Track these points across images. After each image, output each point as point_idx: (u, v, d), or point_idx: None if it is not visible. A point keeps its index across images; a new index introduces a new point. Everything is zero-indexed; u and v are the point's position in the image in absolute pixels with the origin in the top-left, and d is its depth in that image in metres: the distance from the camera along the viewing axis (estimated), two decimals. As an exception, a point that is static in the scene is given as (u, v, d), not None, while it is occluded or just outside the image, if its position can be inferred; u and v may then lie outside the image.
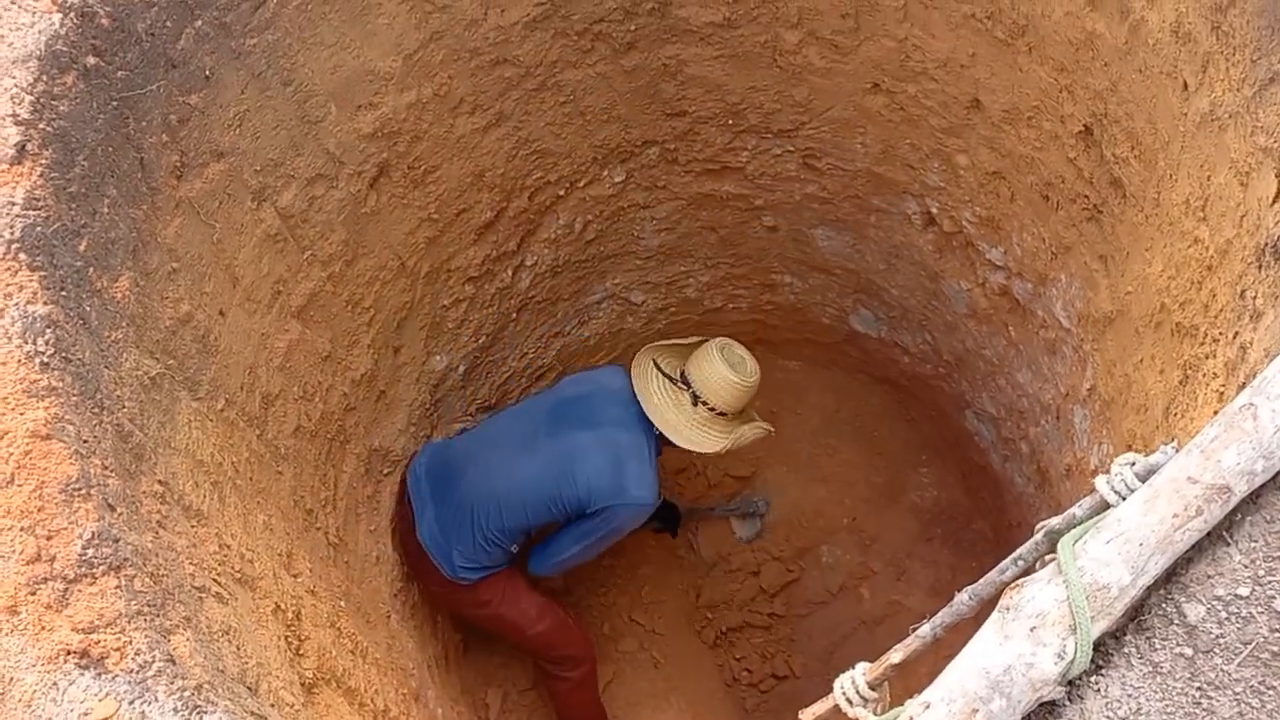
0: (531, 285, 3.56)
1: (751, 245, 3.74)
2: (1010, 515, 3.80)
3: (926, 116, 2.86)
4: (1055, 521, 1.46)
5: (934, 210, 3.13)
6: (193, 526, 1.94)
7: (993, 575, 1.54)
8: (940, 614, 1.60)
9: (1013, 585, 1.28)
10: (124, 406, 1.84)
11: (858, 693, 1.67)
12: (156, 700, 1.41)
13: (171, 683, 1.46)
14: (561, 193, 3.35)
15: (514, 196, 3.24)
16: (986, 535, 4.14)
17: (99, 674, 1.42)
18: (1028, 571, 1.52)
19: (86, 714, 1.35)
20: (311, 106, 2.46)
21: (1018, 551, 1.51)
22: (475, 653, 3.85)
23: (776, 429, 4.30)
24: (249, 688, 1.76)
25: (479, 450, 3.20)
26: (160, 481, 1.88)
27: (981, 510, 4.14)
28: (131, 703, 1.39)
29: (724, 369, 3.06)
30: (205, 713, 1.43)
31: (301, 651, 2.22)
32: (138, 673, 1.46)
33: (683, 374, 3.11)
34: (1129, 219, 2.32)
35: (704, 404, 3.08)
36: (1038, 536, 1.50)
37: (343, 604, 2.64)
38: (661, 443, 3.15)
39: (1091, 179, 2.43)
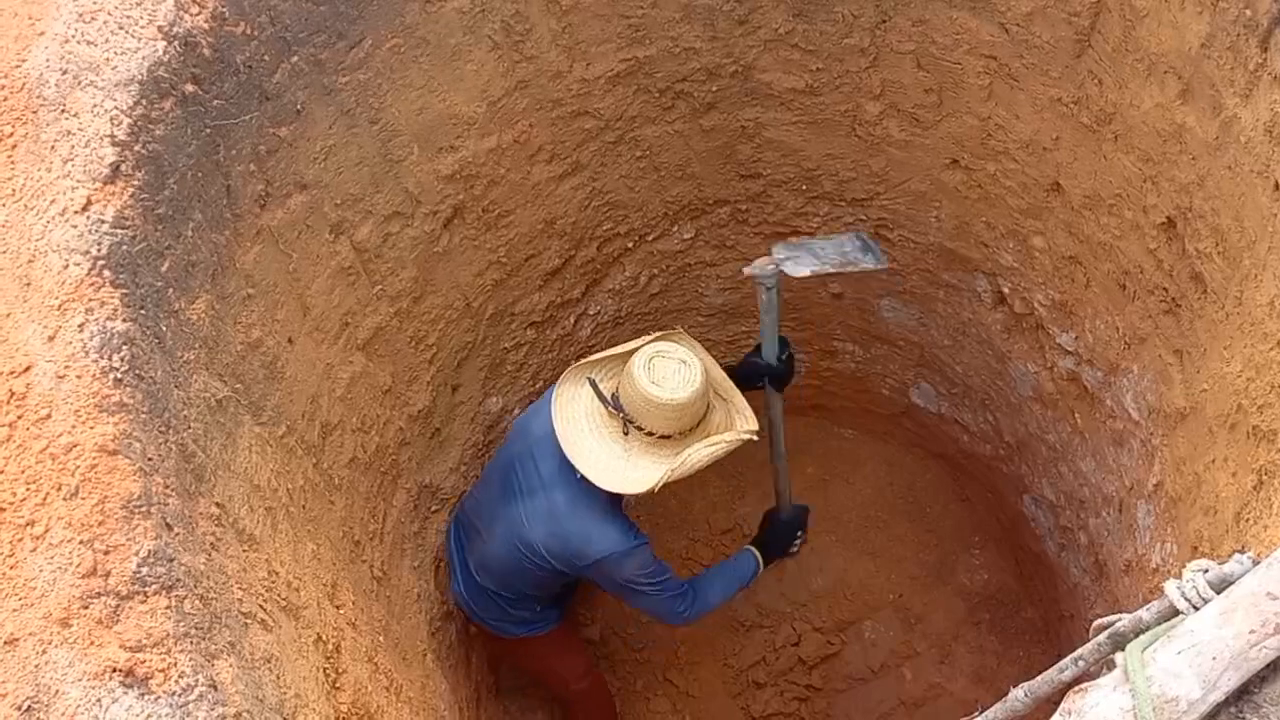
0: (592, 334, 3.57)
1: (815, 311, 3.72)
2: (1063, 606, 3.70)
3: (1005, 196, 2.83)
4: (1121, 624, 1.41)
5: (1005, 290, 3.09)
6: (244, 551, 1.95)
7: (1051, 674, 1.49)
8: (994, 709, 1.55)
9: (1076, 689, 1.23)
10: (189, 427, 1.87)
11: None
12: (196, 726, 1.40)
13: (212, 709, 1.46)
14: (630, 245, 3.37)
15: (583, 245, 3.26)
16: (1036, 624, 4.02)
17: (142, 694, 1.43)
18: (1088, 674, 1.47)
19: (127, 735, 1.35)
20: (395, 145, 2.51)
21: (1079, 651, 1.46)
22: (507, 695, 3.82)
23: (828, 499, 4.27)
24: (285, 718, 1.76)
25: (472, 517, 3.07)
26: (217, 504, 1.89)
27: (1032, 598, 4.04)
28: (172, 728, 1.38)
29: (647, 387, 2.51)
30: (243, 744, 1.42)
31: (338, 685, 2.21)
32: (180, 696, 1.46)
33: (615, 394, 2.62)
34: (1208, 315, 2.27)
35: (639, 429, 2.57)
36: (1100, 638, 1.45)
37: (382, 639, 2.64)
38: None
39: (1171, 271, 2.38)
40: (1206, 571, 1.37)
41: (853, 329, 3.74)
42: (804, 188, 3.17)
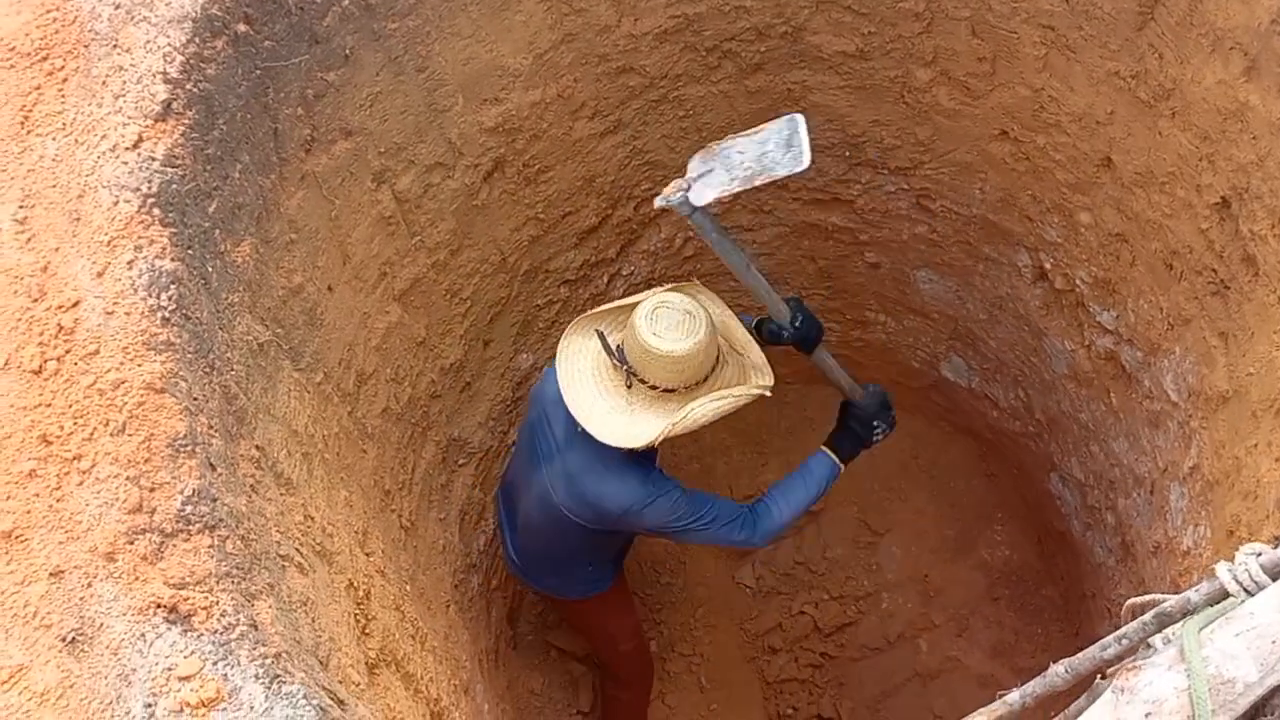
0: (624, 294, 3.55)
1: (850, 280, 3.69)
2: (1085, 585, 3.69)
3: (1053, 169, 2.79)
4: (1168, 605, 1.40)
5: (1047, 265, 3.06)
6: (282, 494, 1.96)
7: (1093, 651, 1.48)
8: (1032, 684, 1.54)
9: (1129, 667, 1.22)
10: (232, 369, 1.87)
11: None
12: (239, 664, 1.41)
13: (254, 648, 1.47)
14: (667, 206, 3.34)
15: (620, 205, 3.24)
16: (1056, 602, 4.02)
17: (185, 630, 1.44)
18: (1129, 651, 1.46)
19: (171, 669, 1.36)
20: (440, 95, 2.48)
21: (1123, 629, 1.45)
22: (524, 649, 3.85)
23: (851, 470, 4.25)
24: (320, 661, 1.77)
25: (512, 486, 3.04)
26: (257, 446, 1.90)
27: (1053, 576, 4.03)
28: (215, 664, 1.40)
29: (648, 338, 2.41)
30: (284, 682, 1.43)
31: (368, 631, 2.22)
32: (222, 634, 1.47)
33: (620, 346, 2.52)
34: (1259, 298, 2.24)
35: (642, 382, 2.48)
36: (1146, 617, 1.43)
37: (408, 588, 2.65)
38: None
39: (1222, 253, 2.35)
40: (1260, 555, 1.35)
41: (887, 300, 3.71)
42: (847, 154, 3.13)
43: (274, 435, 1.99)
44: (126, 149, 1.78)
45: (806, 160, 2.39)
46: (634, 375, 2.47)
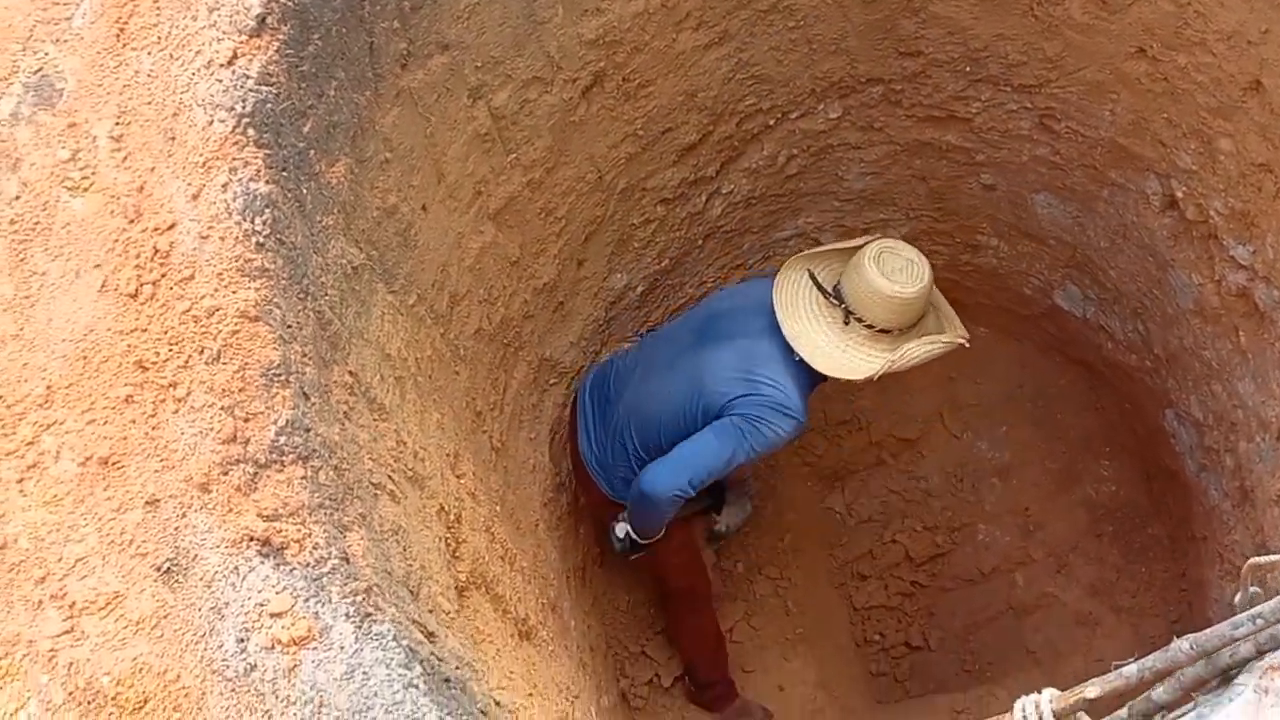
0: (723, 214, 3.45)
1: (962, 202, 3.51)
2: (1195, 527, 3.54)
3: (1193, 92, 2.57)
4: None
5: (1179, 194, 2.85)
6: (375, 420, 1.95)
7: (1223, 629, 1.38)
8: (1152, 658, 1.45)
9: (1276, 665, 1.13)
10: (326, 294, 1.84)
11: (1040, 719, 1.54)
12: (330, 601, 1.41)
13: (345, 584, 1.46)
14: (771, 122, 3.19)
15: (722, 121, 3.11)
16: (1162, 542, 3.87)
17: (278, 564, 1.43)
18: (1263, 631, 1.36)
19: (263, 604, 1.36)
20: (539, 6, 2.38)
21: (1259, 608, 1.34)
22: (612, 568, 3.87)
23: (953, 397, 4.13)
24: (411, 591, 1.77)
25: (632, 371, 3.08)
26: (351, 372, 1.88)
27: (1161, 515, 3.87)
28: (306, 600, 1.39)
29: (876, 279, 2.58)
30: (375, 621, 1.42)
31: (458, 554, 2.23)
32: (314, 567, 1.47)
33: (838, 285, 2.69)
34: None
35: (859, 321, 2.64)
36: (1285, 598, 1.33)
37: (498, 509, 2.66)
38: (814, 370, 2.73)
39: (1385, 188, 2.14)
40: None
41: (1001, 223, 3.52)
42: (967, 69, 2.94)
43: (367, 360, 1.97)
44: (221, 65, 1.73)
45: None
46: (852, 314, 2.64)
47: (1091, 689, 1.48)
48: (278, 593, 1.38)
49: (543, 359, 3.09)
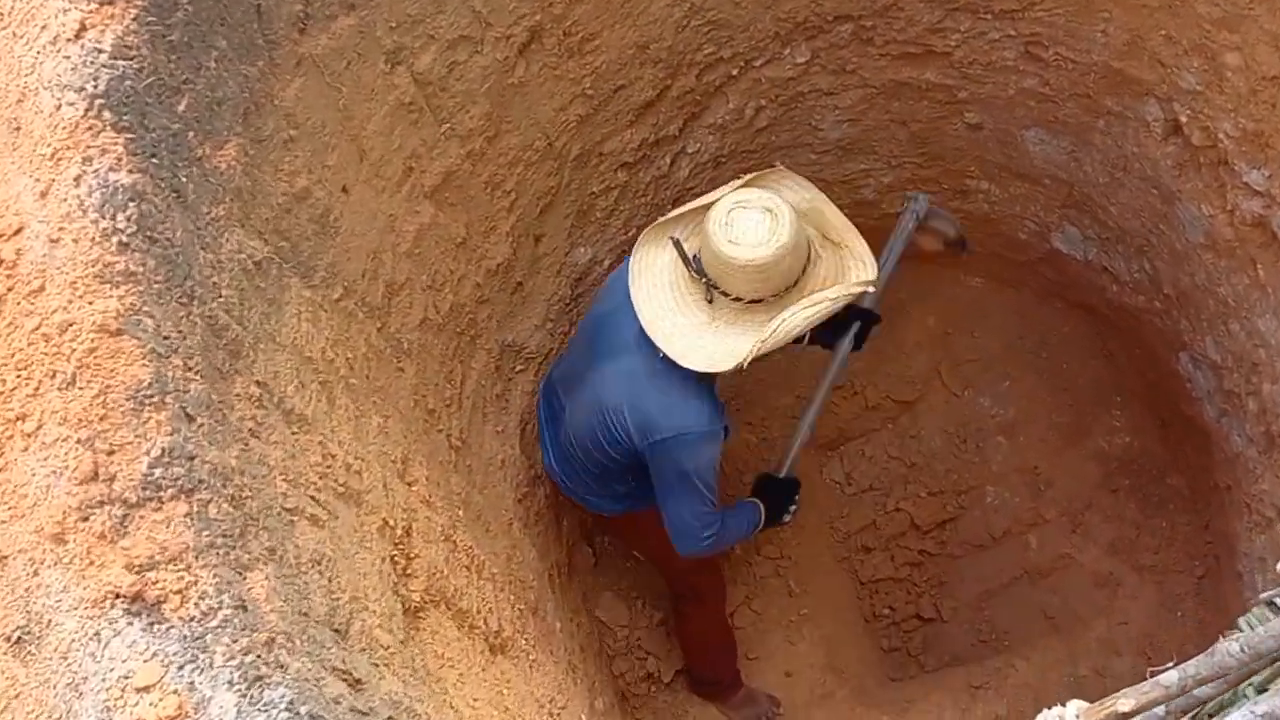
0: (691, 176, 3.20)
1: (947, 144, 3.25)
2: (1218, 476, 3.31)
3: (1194, 2, 2.32)
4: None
5: (1183, 118, 2.60)
6: (294, 434, 1.72)
7: (1276, 626, 1.16)
8: (1195, 663, 1.23)
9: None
10: (220, 295, 1.61)
11: (1064, 737, 1.32)
12: (211, 667, 1.18)
13: (236, 640, 1.24)
14: (735, 72, 2.94)
15: (680, 74, 2.85)
16: (1182, 492, 3.65)
17: (151, 624, 1.21)
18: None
19: (128, 676, 1.13)
20: (457, -46, 2.13)
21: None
22: (604, 558, 3.66)
23: (949, 353, 3.89)
24: (337, 630, 1.55)
25: (559, 383, 2.77)
26: (258, 382, 1.65)
27: (1180, 465, 3.64)
28: (181, 668, 1.17)
29: (722, 247, 2.13)
30: (268, 685, 1.20)
31: (409, 572, 2.01)
32: (198, 622, 1.24)
33: (697, 255, 2.24)
34: None
35: (724, 294, 2.20)
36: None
37: (461, 513, 2.44)
38: None
39: None
40: None
41: (990, 165, 3.27)
42: (942, -2, 2.69)
43: (280, 366, 1.74)
44: (68, 40, 1.49)
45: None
46: (714, 288, 2.21)
47: (1125, 702, 1.26)
48: (146, 660, 1.16)
49: (504, 345, 2.86)
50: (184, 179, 1.58)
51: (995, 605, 3.77)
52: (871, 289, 2.30)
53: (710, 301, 2.22)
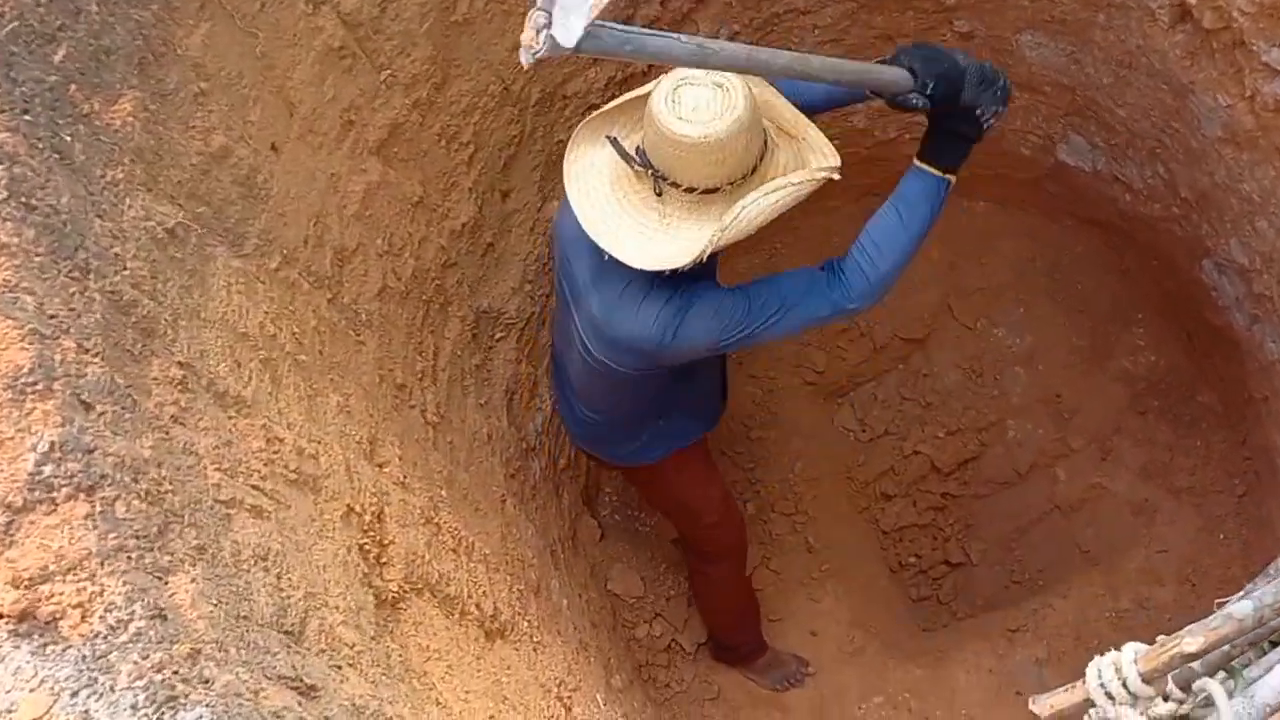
0: (666, 113, 2.99)
1: (937, 58, 3.03)
2: (1252, 387, 3.11)
3: None
4: None
5: (1191, 0, 2.38)
6: (229, 418, 1.54)
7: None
8: (1270, 589, 1.04)
9: None
10: (125, 268, 1.42)
11: (1125, 686, 1.14)
12: (112, 690, 1.00)
13: (146, 656, 1.06)
14: (704, -8, 2.73)
15: (641, 2, 2.64)
16: (1214, 408, 3.45)
17: (42, 646, 1.03)
18: None
19: (11, 710, 0.95)
20: (373, -125, 1.92)
21: None
22: (614, 528, 3.49)
23: (958, 284, 3.69)
24: (288, 632, 1.37)
25: (559, 343, 2.60)
26: (181, 363, 1.46)
27: (1210, 379, 3.44)
28: (74, 695, 0.99)
29: (669, 124, 1.88)
30: (182, 706, 1.02)
31: (383, 560, 1.84)
32: (104, 638, 1.06)
33: (640, 147, 2.00)
34: None
35: (674, 186, 1.96)
36: None
37: (444, 493, 2.26)
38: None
39: None
40: None
41: (984, 76, 3.05)
42: (918, -110, 2.46)
43: (209, 345, 1.56)
44: (-88, -13, 1.30)
45: None
46: (663, 180, 1.95)
47: (1190, 640, 1.07)
48: (32, 689, 0.98)
49: (480, 312, 2.67)
50: (68, 138, 1.38)
51: (1026, 544, 3.59)
52: (837, 176, 1.99)
53: (660, 195, 1.98)
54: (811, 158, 2.02)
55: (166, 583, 1.19)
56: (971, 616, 3.55)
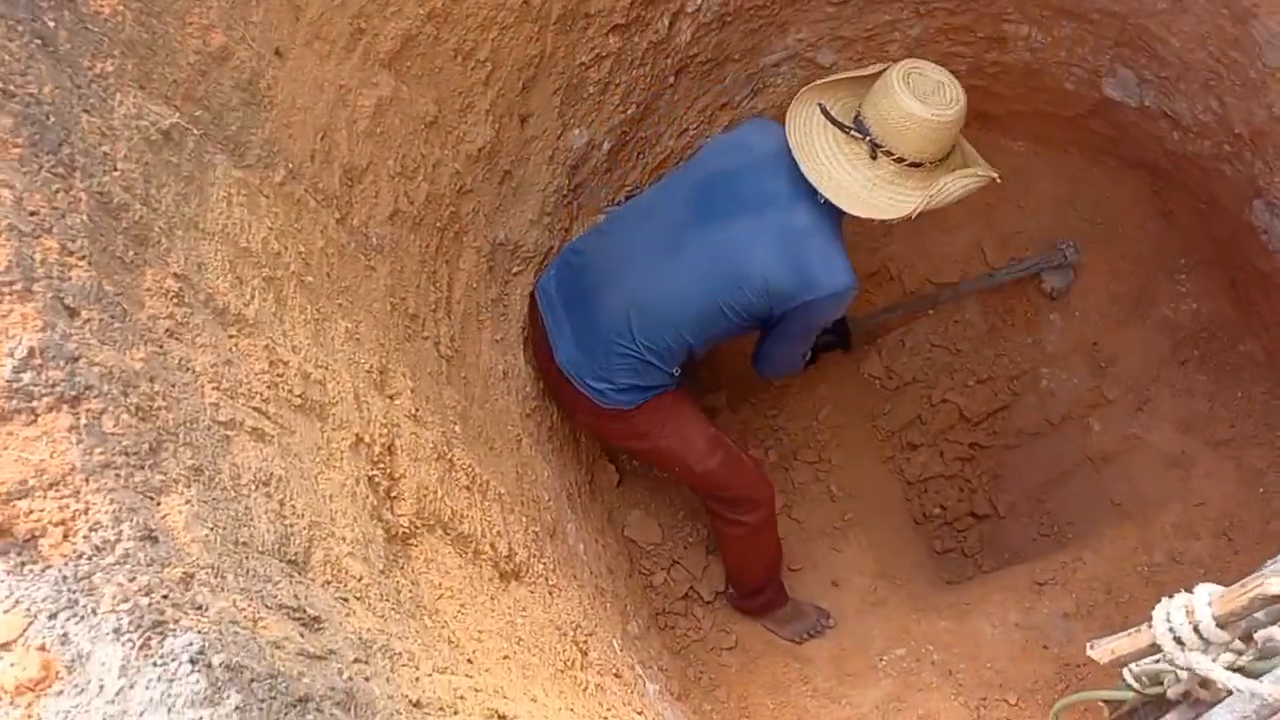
0: (694, 39, 2.84)
1: (979, -17, 2.88)
2: (1300, 336, 2.99)
3: None
4: None
5: (1260, -90, 2.22)
6: (230, 337, 1.43)
7: None
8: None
9: None
10: (116, 168, 1.31)
11: (1196, 631, 1.03)
12: (94, 614, 0.91)
13: (132, 579, 0.96)
14: (734, -91, 2.58)
15: None
16: (1258, 359, 3.31)
17: (20, 565, 0.93)
18: None
19: (-20, 634, 0.86)
20: None
21: None
22: (633, 472, 3.39)
23: (993, 227, 3.56)
24: (291, 561, 1.27)
25: (614, 253, 2.55)
26: (176, 274, 1.35)
27: (1255, 328, 3.31)
28: (52, 617, 0.89)
29: (909, 103, 2.29)
30: (170, 632, 0.92)
31: (394, 494, 1.75)
32: (88, 559, 0.97)
33: (858, 117, 2.39)
34: None
35: (888, 154, 2.36)
36: None
37: (457, 429, 2.16)
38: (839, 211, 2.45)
39: None
40: None
41: (1029, 3, 2.89)
42: None
43: (208, 257, 1.45)
44: None
45: None
46: (879, 147, 2.37)
47: (1275, 582, 0.96)
48: (6, 610, 0.88)
49: (496, 243, 2.56)
50: (51, 23, 1.27)
51: (1056, 496, 3.48)
52: (999, 181, 2.53)
53: (873, 159, 2.36)
54: (971, 160, 2.50)
55: (158, 503, 1.10)
56: (997, 570, 3.46)
